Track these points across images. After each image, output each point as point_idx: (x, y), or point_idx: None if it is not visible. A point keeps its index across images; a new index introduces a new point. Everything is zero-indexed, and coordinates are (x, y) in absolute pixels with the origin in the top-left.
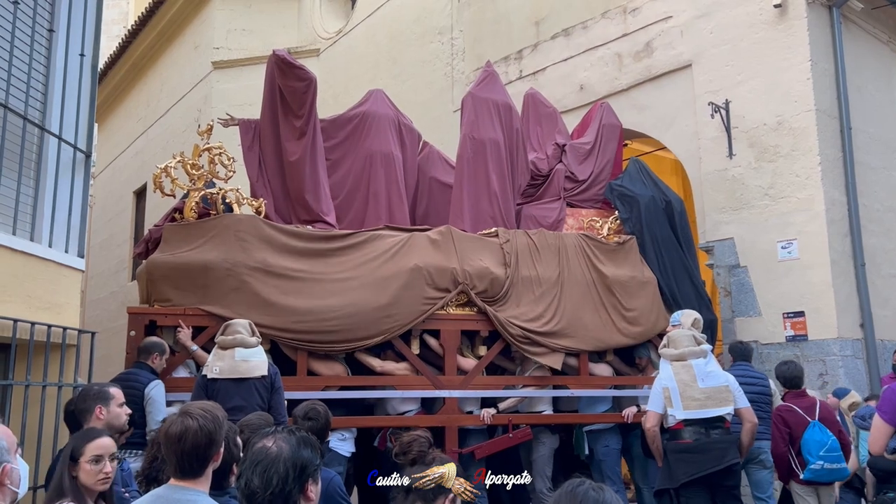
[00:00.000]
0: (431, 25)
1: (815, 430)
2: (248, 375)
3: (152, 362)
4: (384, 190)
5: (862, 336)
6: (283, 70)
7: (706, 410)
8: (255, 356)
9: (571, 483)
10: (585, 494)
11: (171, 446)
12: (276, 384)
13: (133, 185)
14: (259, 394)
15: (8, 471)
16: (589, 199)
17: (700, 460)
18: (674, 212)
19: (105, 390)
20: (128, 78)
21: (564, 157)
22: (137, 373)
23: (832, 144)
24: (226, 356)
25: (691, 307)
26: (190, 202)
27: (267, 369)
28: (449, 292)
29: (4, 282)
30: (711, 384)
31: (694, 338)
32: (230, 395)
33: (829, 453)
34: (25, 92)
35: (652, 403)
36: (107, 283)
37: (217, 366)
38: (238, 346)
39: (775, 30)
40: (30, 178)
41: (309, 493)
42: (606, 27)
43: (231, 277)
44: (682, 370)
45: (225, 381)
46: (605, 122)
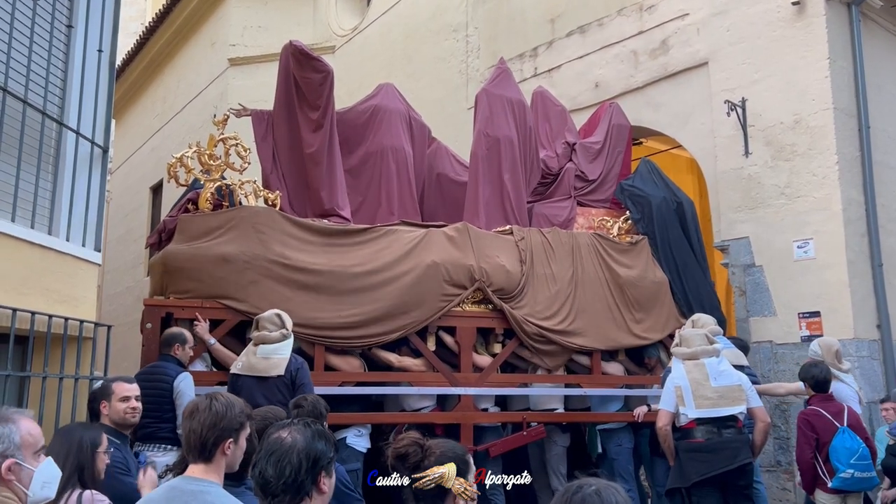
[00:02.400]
0: (446, 22)
1: (846, 436)
2: (265, 374)
3: (175, 353)
4: (395, 185)
5: (878, 337)
6: (300, 61)
7: (718, 409)
8: (276, 353)
9: (569, 488)
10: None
11: (184, 424)
12: (299, 381)
13: (149, 181)
14: (280, 392)
15: (10, 466)
16: (599, 199)
17: (712, 460)
18: (685, 213)
19: (107, 385)
20: (145, 74)
21: (574, 156)
22: (164, 366)
23: (850, 143)
24: (250, 351)
25: (702, 308)
26: (205, 193)
27: (285, 368)
28: (466, 289)
29: (23, 275)
30: (724, 383)
31: (707, 337)
32: (252, 392)
33: (860, 461)
34: (44, 87)
35: (664, 402)
36: (123, 278)
37: (241, 361)
38: (261, 343)
39: (793, 27)
40: (48, 173)
41: (322, 486)
42: (622, 24)
43: (249, 270)
44: (694, 369)
45: (247, 378)
46: (615, 123)
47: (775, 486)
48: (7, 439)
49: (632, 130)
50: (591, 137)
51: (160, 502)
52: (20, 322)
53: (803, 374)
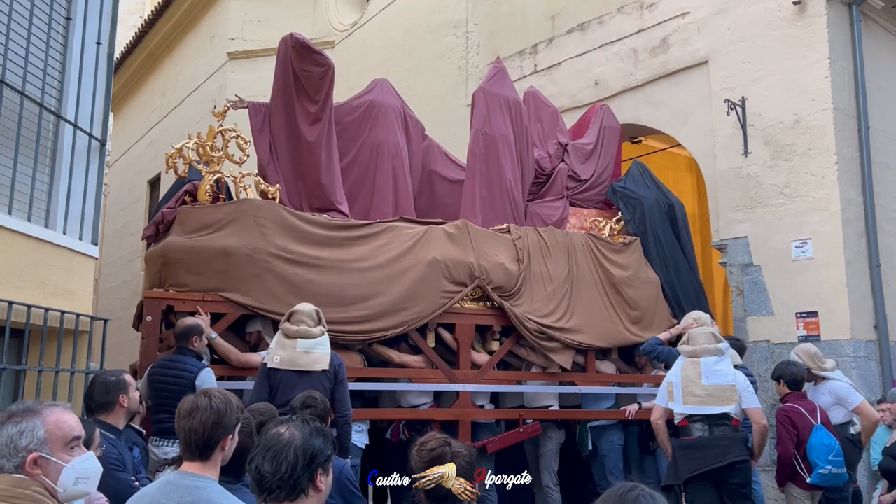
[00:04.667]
0: (446, 19)
1: (822, 434)
2: (310, 369)
3: (192, 346)
4: (391, 181)
5: (876, 337)
6: (300, 54)
7: (706, 407)
8: (317, 348)
9: (623, 486)
10: (636, 501)
11: (181, 422)
12: (340, 376)
13: (147, 174)
14: (323, 386)
15: (35, 460)
16: (590, 199)
17: (703, 456)
18: (675, 215)
19: (122, 379)
20: (143, 68)
21: (567, 157)
22: (183, 360)
23: (849, 143)
24: (287, 345)
25: (691, 307)
26: (204, 185)
27: (329, 362)
28: (466, 286)
29: (19, 268)
30: (716, 382)
31: (713, 336)
32: (293, 386)
33: (836, 458)
34: (42, 79)
35: (658, 397)
36: (119, 271)
37: (279, 355)
38: (300, 338)
39: (794, 27)
40: (45, 165)
41: (318, 483)
42: (622, 22)
43: (252, 264)
44: (689, 366)
45: (287, 372)
46: (606, 125)
47: (771, 486)
48: (30, 434)
49: (622, 132)
50: (582, 139)
51: (155, 497)
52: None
53: (779, 372)
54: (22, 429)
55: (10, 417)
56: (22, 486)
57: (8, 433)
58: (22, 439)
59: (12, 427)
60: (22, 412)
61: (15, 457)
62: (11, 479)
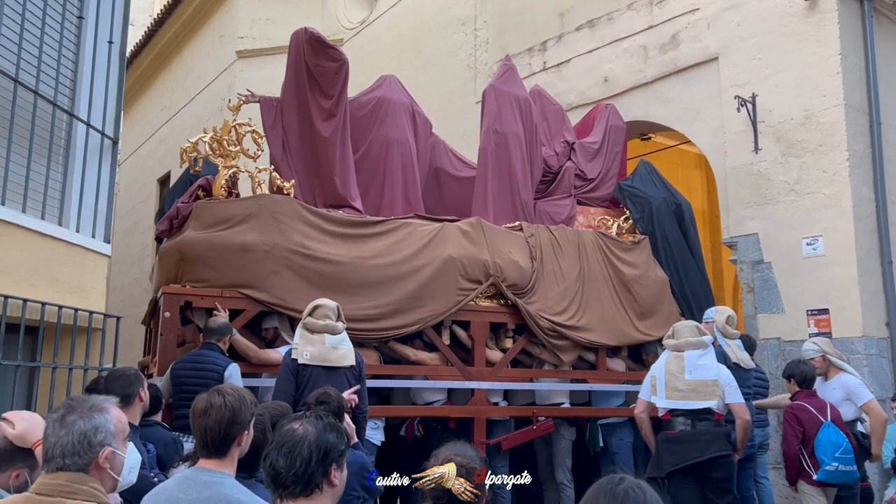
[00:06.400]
0: (455, 16)
1: (830, 430)
2: (339, 364)
3: (224, 344)
4: (401, 178)
5: (888, 335)
6: (315, 48)
7: (688, 402)
8: (343, 343)
9: (611, 480)
10: (626, 494)
11: (195, 421)
12: (362, 372)
13: (157, 173)
14: (349, 382)
15: (109, 455)
16: (597, 198)
17: (685, 450)
18: (683, 214)
19: (140, 373)
20: (153, 67)
21: (574, 155)
22: (212, 355)
23: (861, 140)
24: (315, 341)
25: (699, 307)
26: (219, 179)
27: (354, 358)
28: (481, 284)
29: (33, 266)
30: (699, 377)
31: (697, 328)
32: (321, 382)
33: (843, 455)
34: (55, 78)
35: (641, 391)
36: (130, 269)
37: (308, 350)
38: (327, 333)
39: (804, 23)
40: (58, 164)
41: (332, 478)
42: (632, 19)
43: (270, 260)
44: (673, 360)
45: (316, 368)
46: (612, 124)
47: (781, 483)
48: (104, 429)
49: (631, 130)
50: (588, 137)
51: (172, 492)
52: (30, 312)
53: (790, 370)
54: (95, 424)
55: (72, 412)
56: (80, 481)
57: (81, 429)
58: (97, 435)
59: (84, 423)
60: (88, 408)
61: (89, 452)
62: (69, 474)
